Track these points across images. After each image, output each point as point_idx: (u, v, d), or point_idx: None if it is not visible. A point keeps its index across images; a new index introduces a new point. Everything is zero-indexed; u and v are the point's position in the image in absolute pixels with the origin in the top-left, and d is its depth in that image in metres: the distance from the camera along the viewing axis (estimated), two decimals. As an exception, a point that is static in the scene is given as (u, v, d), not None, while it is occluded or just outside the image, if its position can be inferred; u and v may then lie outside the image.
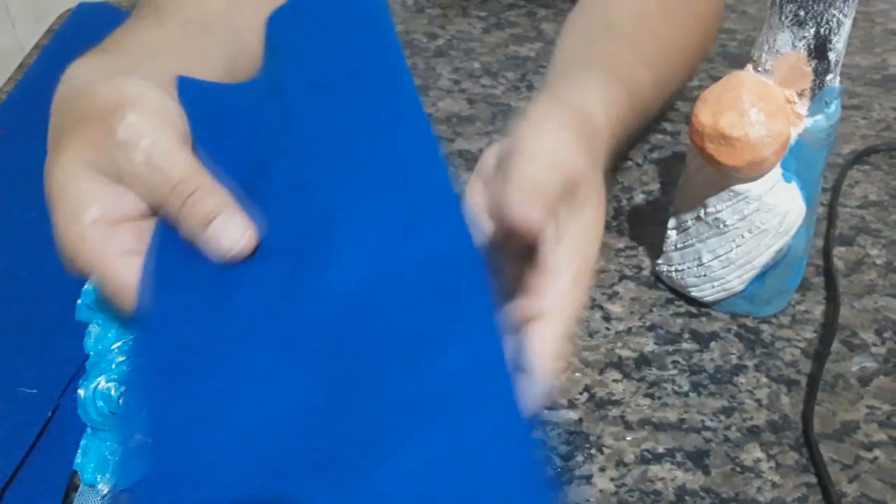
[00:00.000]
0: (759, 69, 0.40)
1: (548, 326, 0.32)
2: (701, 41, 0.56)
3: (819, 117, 0.40)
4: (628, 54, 0.46)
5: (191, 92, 0.36)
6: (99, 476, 0.36)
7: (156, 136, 0.33)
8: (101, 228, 0.33)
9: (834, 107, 0.41)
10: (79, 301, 0.42)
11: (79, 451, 0.37)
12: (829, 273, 0.49)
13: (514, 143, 0.35)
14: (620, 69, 0.44)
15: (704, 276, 0.45)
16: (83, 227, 0.33)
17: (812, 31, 0.38)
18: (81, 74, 0.37)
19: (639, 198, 0.55)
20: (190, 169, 0.33)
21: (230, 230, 0.32)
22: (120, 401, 0.37)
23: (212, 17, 0.46)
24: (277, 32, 0.40)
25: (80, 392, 0.37)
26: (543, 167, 0.33)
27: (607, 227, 0.52)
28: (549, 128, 0.35)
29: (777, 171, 0.41)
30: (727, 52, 0.71)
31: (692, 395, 0.42)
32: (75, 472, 0.37)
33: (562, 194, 0.33)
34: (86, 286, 0.43)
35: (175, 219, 0.33)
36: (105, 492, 0.36)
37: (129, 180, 0.33)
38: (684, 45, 0.53)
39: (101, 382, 0.36)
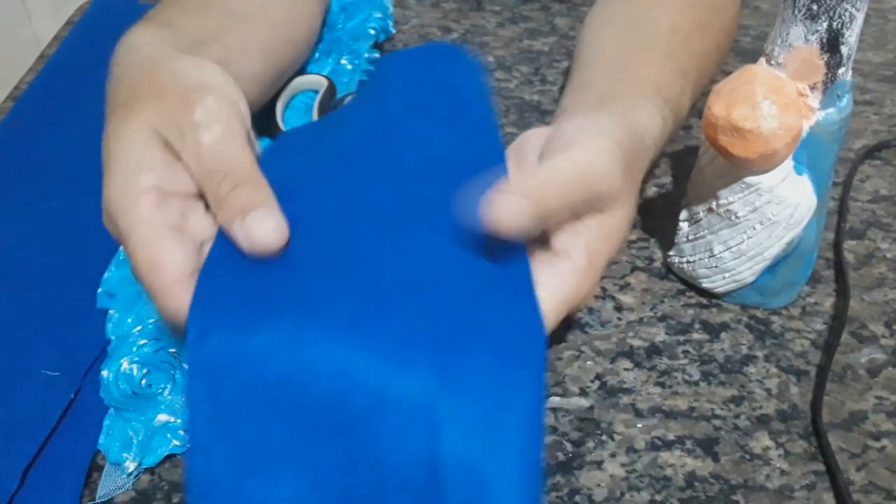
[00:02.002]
0: (772, 63, 0.41)
1: (541, 296, 0.33)
2: (723, 55, 0.56)
3: (831, 110, 0.41)
4: (673, 74, 0.47)
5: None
6: (125, 454, 0.37)
7: (228, 124, 0.34)
8: (154, 196, 0.33)
9: (846, 100, 0.41)
10: (99, 290, 0.43)
11: (102, 431, 0.38)
12: (839, 266, 0.49)
13: (564, 135, 0.36)
14: (669, 93, 0.46)
15: (715, 267, 0.45)
16: (138, 190, 0.33)
17: (825, 24, 0.38)
18: (147, 44, 0.39)
19: (651, 190, 0.55)
20: (247, 162, 0.34)
21: (265, 223, 0.32)
22: (142, 381, 0.38)
23: (251, 9, 0.47)
24: (386, 73, 0.45)
25: (104, 373, 0.38)
26: (576, 170, 0.34)
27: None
28: (602, 141, 0.36)
29: (789, 163, 0.41)
30: (740, 47, 0.71)
31: (702, 384, 0.43)
32: (97, 453, 0.38)
33: (584, 204, 0.35)
34: (105, 274, 0.44)
35: (218, 204, 0.33)
36: (131, 470, 0.37)
37: (189, 159, 0.34)
38: (714, 60, 0.54)
39: (124, 364, 0.37)
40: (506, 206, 0.31)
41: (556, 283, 0.35)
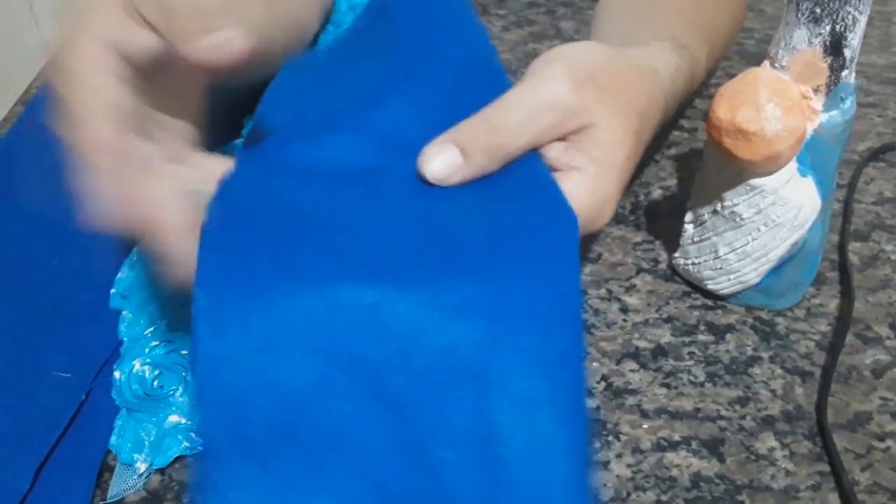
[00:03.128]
0: (776, 65, 0.41)
1: None
2: (735, 27, 0.58)
3: (834, 113, 0.41)
4: (688, 29, 0.49)
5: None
6: (136, 455, 0.37)
7: None
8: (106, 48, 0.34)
9: (849, 102, 0.41)
10: (112, 290, 0.44)
11: (114, 432, 0.38)
12: (844, 268, 0.50)
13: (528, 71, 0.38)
14: (684, 41, 0.47)
15: (720, 269, 0.45)
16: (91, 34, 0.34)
17: (828, 27, 0.39)
18: None
19: (656, 193, 0.56)
20: None
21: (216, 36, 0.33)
22: (154, 383, 0.38)
23: None
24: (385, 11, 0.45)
25: (116, 374, 0.38)
26: (513, 98, 0.36)
27: (625, 222, 0.53)
28: (548, 67, 0.37)
29: (793, 165, 0.41)
30: (745, 50, 0.72)
31: (708, 385, 0.43)
32: (108, 453, 0.39)
33: (549, 126, 0.36)
34: (119, 275, 0.44)
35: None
36: (142, 470, 0.37)
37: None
38: (726, 25, 0.55)
39: (136, 366, 0.38)
40: (431, 153, 0.34)
41: (568, 191, 0.36)
